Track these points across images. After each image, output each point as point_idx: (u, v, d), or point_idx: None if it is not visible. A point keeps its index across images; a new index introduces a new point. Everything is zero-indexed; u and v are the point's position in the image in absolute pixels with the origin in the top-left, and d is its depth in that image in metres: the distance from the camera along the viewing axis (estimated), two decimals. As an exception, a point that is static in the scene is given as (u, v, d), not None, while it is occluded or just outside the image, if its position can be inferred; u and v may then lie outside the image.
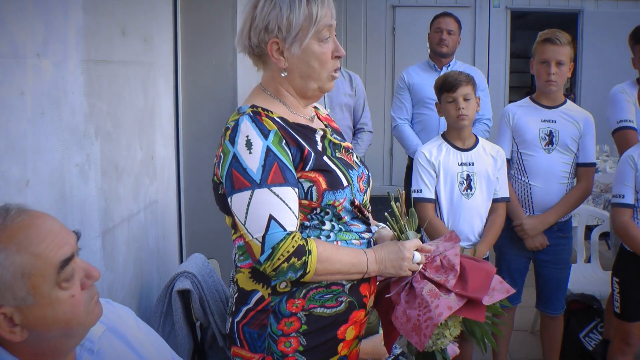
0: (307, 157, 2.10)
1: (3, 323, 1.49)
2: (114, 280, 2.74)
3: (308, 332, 2.13)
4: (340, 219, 2.19)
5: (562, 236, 4.02)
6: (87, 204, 2.49)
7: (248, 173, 2.01)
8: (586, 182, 3.94)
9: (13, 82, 1.96)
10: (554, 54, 3.79)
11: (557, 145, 3.86)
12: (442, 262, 2.22)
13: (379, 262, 2.16)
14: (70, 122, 2.33)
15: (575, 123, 3.89)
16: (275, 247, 1.98)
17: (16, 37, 1.97)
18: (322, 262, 2.04)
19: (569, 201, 3.91)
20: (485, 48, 9.58)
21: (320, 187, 2.10)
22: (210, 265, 3.18)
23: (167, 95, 3.54)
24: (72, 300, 1.57)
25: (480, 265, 2.28)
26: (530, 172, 3.89)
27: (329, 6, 2.15)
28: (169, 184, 3.55)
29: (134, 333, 1.95)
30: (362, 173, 2.28)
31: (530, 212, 3.92)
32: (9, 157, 1.94)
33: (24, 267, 1.48)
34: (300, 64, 2.15)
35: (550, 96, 3.92)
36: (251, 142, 2.03)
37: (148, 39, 3.17)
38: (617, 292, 3.64)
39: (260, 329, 2.13)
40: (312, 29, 2.10)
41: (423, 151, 3.70)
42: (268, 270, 2.01)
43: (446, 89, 3.59)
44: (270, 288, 2.13)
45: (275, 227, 1.99)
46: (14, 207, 1.55)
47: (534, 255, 3.98)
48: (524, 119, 3.92)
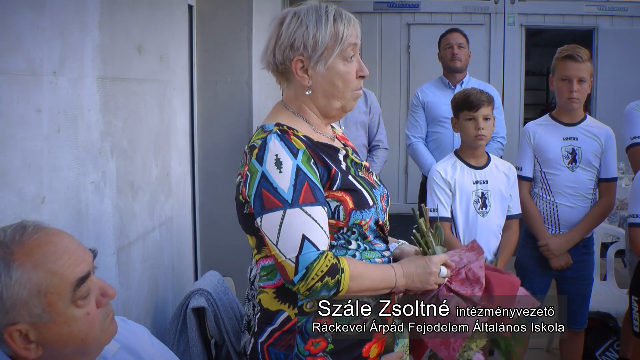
0: (334, 177, 2.09)
1: (18, 340, 1.49)
2: (129, 298, 2.74)
3: (335, 352, 2.12)
4: (365, 238, 2.18)
5: (586, 252, 4.00)
6: (103, 221, 2.49)
7: (279, 192, 1.99)
8: (608, 197, 3.91)
9: (30, 99, 1.96)
10: (575, 71, 3.76)
11: (580, 163, 3.84)
12: (467, 275, 2.22)
13: (407, 277, 2.16)
14: (86, 139, 2.33)
15: (596, 139, 3.87)
16: (309, 267, 1.97)
17: (33, 54, 1.97)
18: (354, 279, 2.03)
19: (593, 218, 3.89)
20: (500, 65, 9.58)
21: (347, 207, 2.09)
22: (225, 282, 3.17)
23: (182, 113, 3.54)
24: (88, 318, 1.56)
25: (505, 277, 2.27)
26: (555, 190, 3.86)
27: (354, 26, 2.15)
28: (184, 201, 3.55)
29: (149, 351, 1.94)
30: (382, 192, 2.28)
31: (556, 230, 3.90)
32: (25, 174, 1.94)
33: (40, 285, 1.48)
34: (324, 82, 2.15)
35: (571, 113, 3.89)
36: (281, 161, 2.02)
37: (164, 57, 3.18)
38: (637, 311, 3.58)
39: (287, 350, 2.11)
40: (337, 48, 2.10)
41: (438, 170, 3.69)
42: (302, 290, 2.00)
43: (467, 107, 3.57)
44: (297, 308, 2.11)
45: (309, 247, 1.98)
46: (30, 224, 1.55)
47: (559, 273, 3.94)
48: (545, 138, 3.90)
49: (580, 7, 9.61)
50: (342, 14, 2.14)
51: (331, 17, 2.11)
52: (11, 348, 1.50)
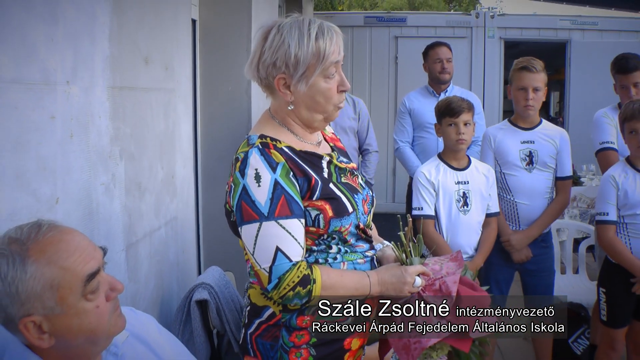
0: (314, 187, 2.06)
1: (32, 330, 1.50)
2: (137, 291, 2.73)
3: (317, 344, 2.10)
4: (345, 242, 2.15)
5: (545, 246, 4.01)
6: (112, 220, 2.49)
7: (256, 206, 1.97)
8: (564, 194, 3.94)
9: (44, 107, 1.96)
10: (530, 81, 3.79)
11: (537, 165, 3.86)
12: (441, 287, 2.17)
13: (381, 284, 2.11)
14: (97, 144, 2.33)
15: (552, 141, 3.89)
16: (281, 277, 1.95)
17: (47, 65, 1.98)
18: (326, 289, 2.00)
19: (550, 214, 3.92)
20: (480, 75, 9.60)
21: (327, 215, 2.06)
22: (226, 277, 3.17)
23: (186, 119, 3.54)
24: (97, 310, 1.57)
25: (476, 296, 2.22)
26: (515, 190, 3.87)
27: (337, 42, 2.06)
28: (188, 201, 3.54)
29: (156, 338, 1.94)
30: (366, 195, 2.24)
31: (517, 226, 3.91)
32: (40, 177, 1.94)
33: (53, 279, 1.49)
34: (306, 98, 2.09)
35: (528, 119, 3.92)
36: (260, 175, 1.99)
37: (169, 67, 3.18)
38: (604, 302, 3.62)
39: (273, 341, 2.10)
40: (319, 67, 2.03)
41: (423, 171, 3.69)
42: (275, 297, 1.99)
43: (449, 114, 3.58)
44: (282, 305, 2.09)
45: (281, 259, 1.96)
46: (45, 223, 1.55)
47: (521, 266, 3.96)
48: (505, 142, 3.91)
49: (555, 22, 9.65)
50: (325, 30, 2.04)
51: (313, 34, 2.02)
52: (26, 338, 1.51)
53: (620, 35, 9.43)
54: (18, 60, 1.83)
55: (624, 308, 3.58)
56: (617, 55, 4.32)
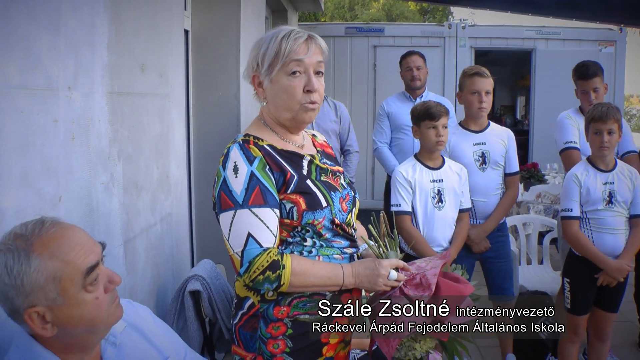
0: (289, 181, 2.06)
1: (36, 320, 1.50)
2: (135, 283, 2.73)
3: (294, 336, 2.08)
4: (321, 236, 2.12)
5: (501, 235, 4.04)
6: (111, 217, 2.48)
7: (233, 195, 1.98)
8: (513, 188, 3.98)
9: (48, 111, 1.96)
10: (483, 85, 3.83)
11: (489, 164, 3.90)
12: (421, 281, 2.13)
13: (355, 276, 2.08)
14: (97, 146, 2.33)
15: (501, 141, 3.93)
16: (251, 261, 1.95)
17: (50, 72, 1.98)
18: (296, 275, 1.98)
19: (503, 207, 3.95)
20: (453, 81, 9.62)
21: (300, 208, 2.05)
22: (217, 269, 3.17)
23: (179, 123, 3.53)
24: (96, 301, 1.58)
25: (456, 286, 2.17)
26: (471, 189, 3.87)
27: (305, 44, 2.07)
28: (181, 199, 3.54)
29: (152, 328, 1.94)
30: (346, 195, 2.22)
31: (474, 221, 3.94)
32: (44, 177, 1.94)
33: (56, 272, 1.49)
34: (272, 94, 2.10)
35: (479, 121, 3.94)
36: (238, 167, 2.01)
37: (163, 74, 3.17)
38: (568, 291, 3.65)
39: (252, 331, 2.09)
40: (279, 63, 2.04)
41: (400, 170, 3.70)
42: (246, 281, 1.98)
43: (429, 117, 3.60)
44: (260, 296, 2.08)
45: (252, 244, 1.96)
46: (48, 220, 1.56)
47: (481, 255, 3.99)
48: (459, 145, 3.93)
49: (521, 32, 9.71)
50: (292, 34, 2.06)
51: (280, 36, 2.05)
52: (30, 327, 1.52)
53: (580, 44, 9.51)
54: (23, 67, 1.83)
55: (586, 297, 3.61)
56: (578, 63, 4.37)
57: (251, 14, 5.09)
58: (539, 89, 9.57)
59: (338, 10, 23.49)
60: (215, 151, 4.40)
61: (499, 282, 4.05)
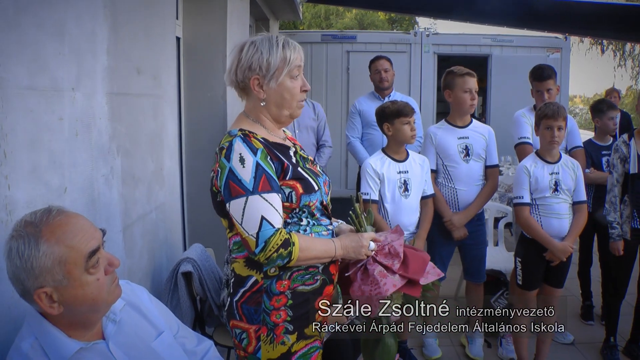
0: (286, 169, 2.10)
1: (45, 300, 1.52)
2: (132, 265, 2.73)
3: (293, 305, 2.13)
4: (313, 216, 2.19)
5: (479, 224, 4.10)
6: (111, 206, 2.48)
7: (242, 183, 1.99)
8: (493, 180, 4.02)
9: (54, 110, 1.96)
10: (473, 84, 3.87)
11: (472, 156, 3.92)
12: (390, 250, 2.26)
13: (344, 249, 2.19)
14: (98, 141, 2.33)
15: (482, 136, 3.97)
16: (267, 241, 1.98)
17: (56, 75, 1.97)
18: (302, 250, 2.05)
19: (484, 197, 3.99)
20: (418, 83, 9.65)
21: (298, 192, 2.10)
22: (207, 252, 3.17)
23: (172, 120, 3.52)
24: (98, 282, 1.59)
25: (418, 254, 2.33)
26: (455, 179, 3.93)
27: (299, 52, 2.16)
28: (174, 189, 3.53)
29: (148, 306, 1.95)
30: (325, 180, 2.29)
31: (456, 209, 3.97)
32: (51, 170, 1.94)
33: (61, 256, 1.50)
34: (275, 95, 2.14)
35: (463, 118, 3.97)
36: (244, 158, 2.02)
37: (157, 77, 3.16)
38: (520, 269, 3.72)
39: (256, 305, 2.12)
40: (286, 68, 2.11)
41: (370, 162, 3.72)
42: (262, 259, 2.01)
43: (403, 115, 3.64)
44: (263, 273, 2.12)
45: (266, 225, 1.99)
46: (54, 209, 1.57)
47: (460, 242, 4.03)
48: (445, 138, 3.96)
49: (479, 39, 9.75)
50: (289, 42, 2.14)
51: (280, 44, 2.11)
52: (40, 306, 1.53)
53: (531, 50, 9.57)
54: (32, 70, 1.83)
55: (536, 274, 3.68)
56: (535, 66, 4.44)
57: (236, 22, 5.07)
58: (494, 90, 9.62)
59: (315, 19, 23.43)
60: (204, 145, 4.40)
61: (475, 265, 4.13)
